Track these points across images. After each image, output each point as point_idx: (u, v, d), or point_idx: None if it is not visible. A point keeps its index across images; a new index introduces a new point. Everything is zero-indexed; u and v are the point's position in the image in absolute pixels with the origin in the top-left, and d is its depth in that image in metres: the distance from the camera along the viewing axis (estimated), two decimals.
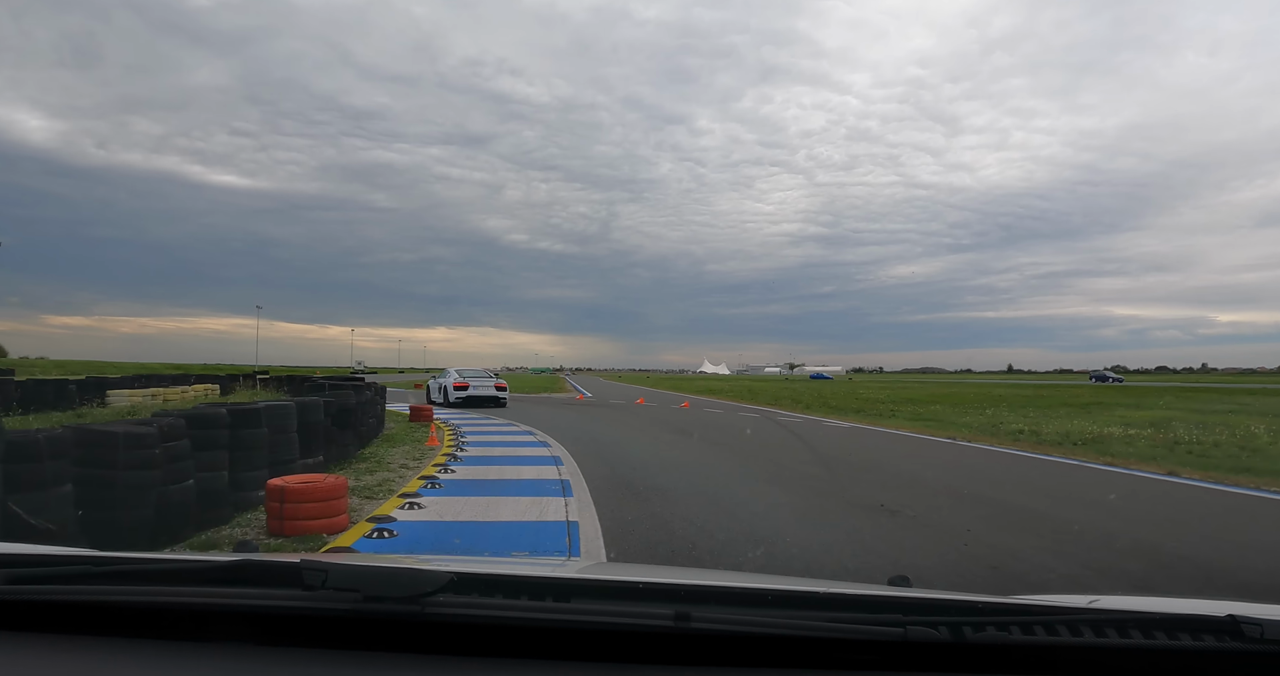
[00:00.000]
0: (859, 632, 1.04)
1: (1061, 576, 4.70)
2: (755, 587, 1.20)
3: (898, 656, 1.05)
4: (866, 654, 1.05)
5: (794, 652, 1.05)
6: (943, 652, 1.05)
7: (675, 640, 1.04)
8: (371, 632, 1.08)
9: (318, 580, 1.04)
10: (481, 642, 1.05)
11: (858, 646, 1.04)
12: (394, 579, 1.05)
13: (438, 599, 1.03)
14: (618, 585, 1.23)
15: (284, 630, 1.09)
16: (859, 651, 1.05)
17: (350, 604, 1.03)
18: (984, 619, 1.07)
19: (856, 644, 1.04)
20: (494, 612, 1.03)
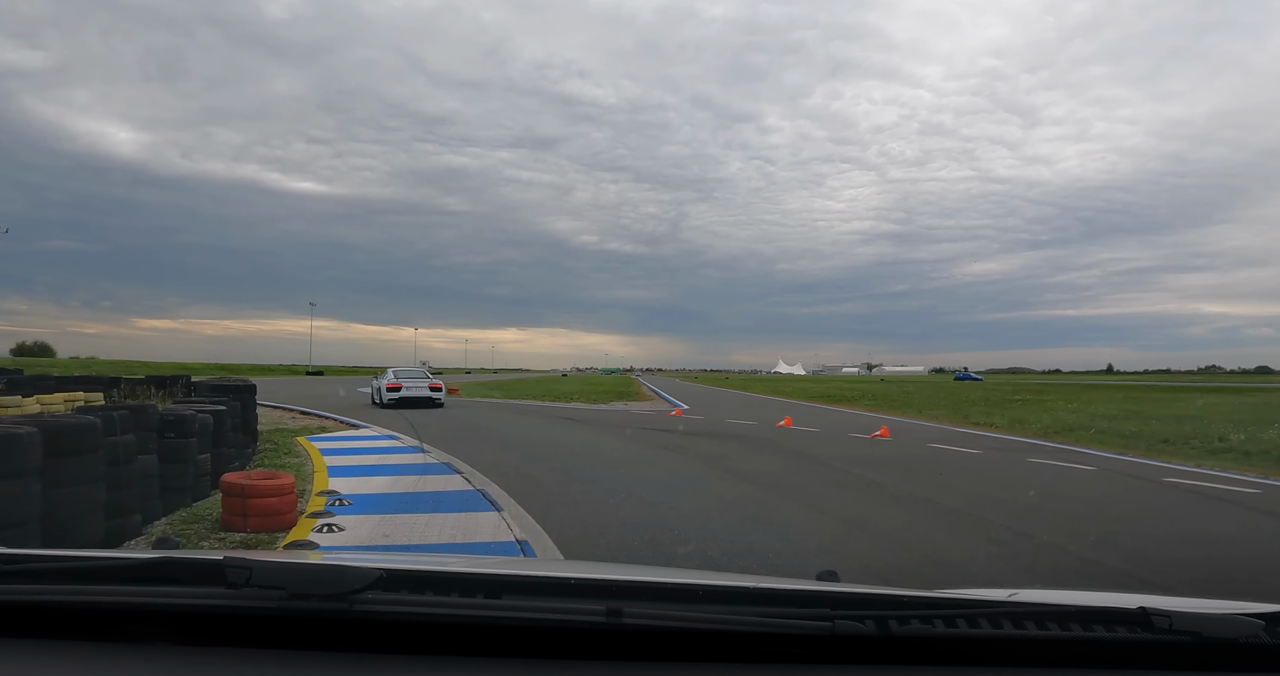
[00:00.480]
0: (787, 627, 1.05)
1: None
2: (686, 583, 1.21)
3: (825, 649, 1.07)
4: (795, 647, 1.07)
5: (724, 647, 1.06)
6: (869, 645, 1.07)
7: (607, 636, 1.04)
8: (297, 631, 1.05)
9: (241, 577, 1.01)
10: (411, 640, 1.04)
11: (786, 640, 1.06)
12: (320, 576, 1.03)
13: (366, 596, 1.01)
14: (550, 581, 1.23)
15: (206, 629, 1.05)
16: (788, 645, 1.07)
17: (275, 602, 1.00)
18: (909, 612, 1.09)
19: (785, 638, 1.05)
20: (424, 609, 1.02)
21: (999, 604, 1.16)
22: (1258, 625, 1.08)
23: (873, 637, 1.06)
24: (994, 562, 5.36)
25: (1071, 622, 1.11)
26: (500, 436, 14.25)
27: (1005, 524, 6.46)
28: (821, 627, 1.04)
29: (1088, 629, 1.11)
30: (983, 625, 1.10)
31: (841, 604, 1.11)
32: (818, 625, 1.04)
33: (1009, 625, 1.10)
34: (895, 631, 1.06)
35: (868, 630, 1.05)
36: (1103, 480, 9.30)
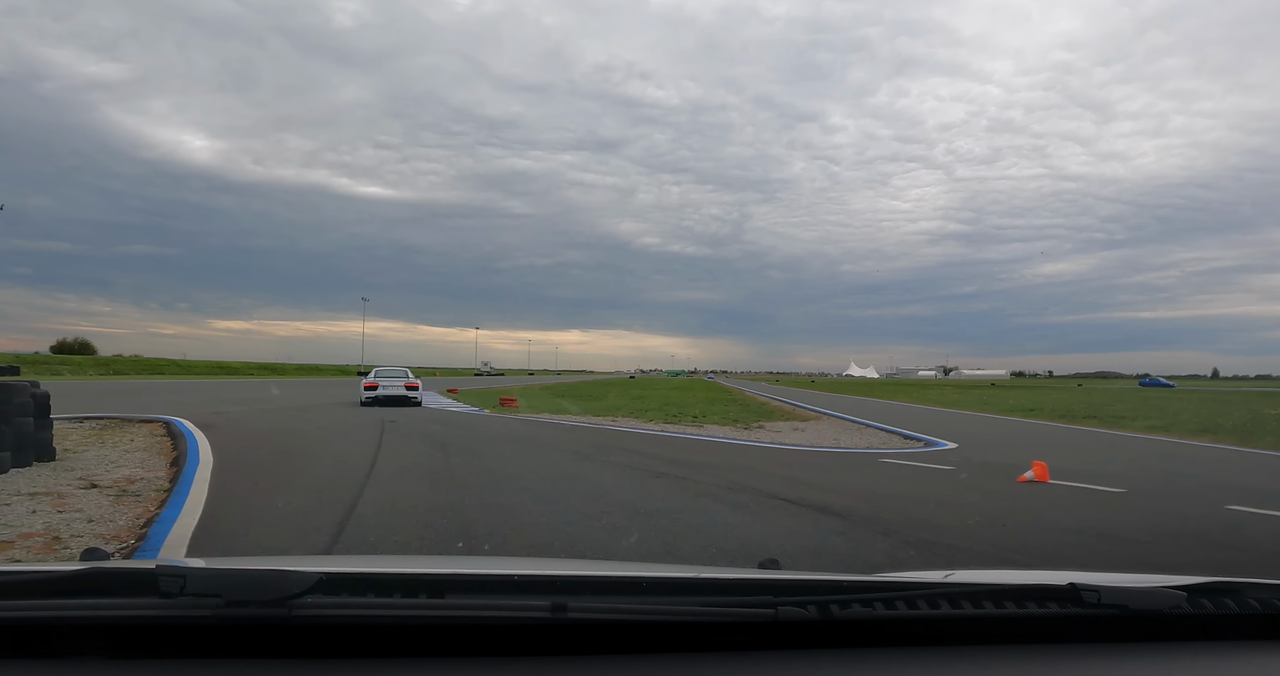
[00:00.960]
0: (732, 615, 1.06)
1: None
2: (630, 576, 1.23)
3: (770, 636, 1.09)
4: (740, 635, 1.09)
5: (670, 637, 1.07)
6: (812, 630, 1.09)
7: (553, 631, 1.03)
8: (236, 639, 1.02)
9: (175, 586, 0.97)
10: (354, 643, 1.02)
11: (731, 628, 1.07)
12: (258, 581, 0.98)
13: (305, 600, 0.98)
14: (493, 578, 1.21)
15: (141, 641, 1.01)
16: (733, 633, 1.08)
17: (211, 610, 0.97)
18: (849, 596, 1.11)
19: (730, 626, 1.07)
20: (365, 612, 1.01)
21: (936, 585, 1.20)
22: (1180, 596, 1.17)
23: (815, 622, 1.08)
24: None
25: (1006, 600, 1.16)
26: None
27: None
28: (765, 614, 1.06)
29: (1021, 606, 1.16)
30: (921, 606, 1.13)
31: (784, 591, 1.14)
32: (761, 612, 1.06)
33: (946, 605, 1.14)
34: (837, 615, 1.08)
35: (810, 615, 1.07)
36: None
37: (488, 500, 6.54)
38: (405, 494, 6.81)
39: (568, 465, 9.26)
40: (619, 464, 9.25)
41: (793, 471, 9.02)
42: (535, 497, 6.71)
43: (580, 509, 6.18)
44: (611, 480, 7.96)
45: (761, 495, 7.03)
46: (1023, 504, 7.03)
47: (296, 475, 8.15)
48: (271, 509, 6.10)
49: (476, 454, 10.16)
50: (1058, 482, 8.07)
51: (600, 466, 9.10)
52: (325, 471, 8.42)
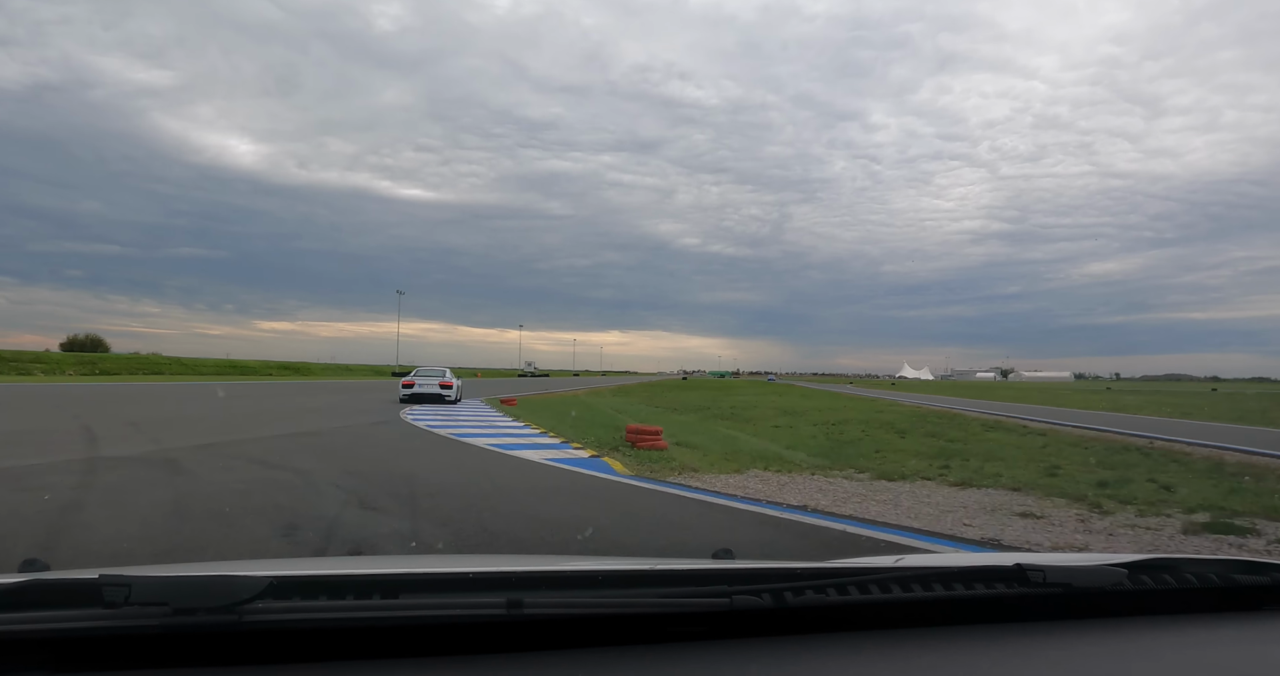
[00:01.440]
0: (688, 605, 1.08)
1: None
2: (585, 570, 1.23)
3: (726, 625, 1.11)
4: (696, 625, 1.10)
5: (628, 630, 1.08)
6: (767, 618, 1.12)
7: (510, 628, 1.04)
8: (186, 648, 1.00)
9: (120, 596, 0.94)
10: (308, 647, 1.01)
11: (688, 618, 1.09)
12: (206, 588, 0.97)
13: (256, 605, 0.96)
14: (447, 577, 1.21)
15: (85, 654, 0.98)
16: (689, 623, 1.10)
17: (159, 619, 0.95)
18: (802, 583, 1.14)
19: (686, 616, 1.09)
20: (318, 615, 1.00)
21: (886, 569, 1.23)
22: (1121, 574, 1.24)
23: (770, 610, 1.10)
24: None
25: (955, 582, 1.20)
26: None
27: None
28: (720, 604, 1.08)
29: (970, 587, 1.20)
30: (873, 591, 1.16)
31: (738, 580, 1.16)
32: (716, 602, 1.08)
33: (897, 589, 1.18)
34: (791, 602, 1.11)
35: (764, 603, 1.09)
36: None
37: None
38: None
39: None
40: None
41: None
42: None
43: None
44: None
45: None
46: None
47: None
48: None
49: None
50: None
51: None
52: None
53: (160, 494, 6.56)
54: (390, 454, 10.26)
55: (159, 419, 15.17)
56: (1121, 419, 21.01)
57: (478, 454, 10.27)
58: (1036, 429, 16.94)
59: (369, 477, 7.83)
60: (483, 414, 18.64)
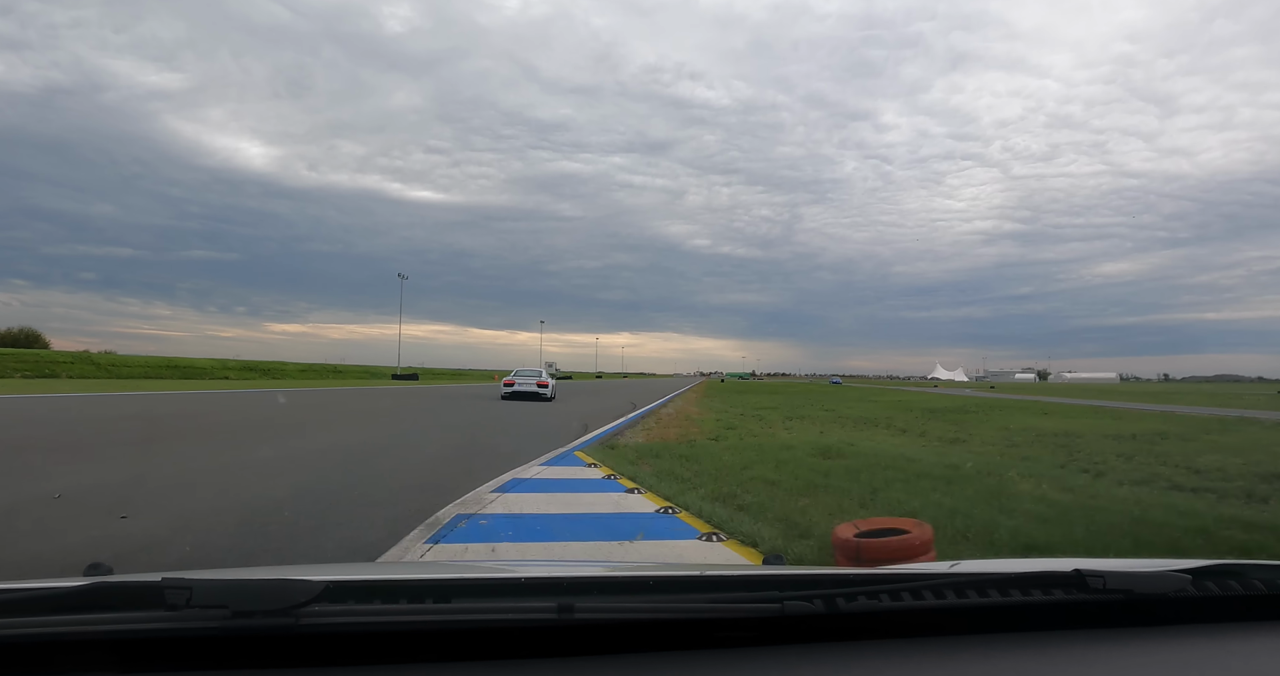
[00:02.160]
0: (738, 610, 1.07)
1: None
2: (636, 576, 1.26)
3: (776, 630, 1.10)
4: (747, 631, 1.10)
5: (678, 635, 1.08)
6: (819, 624, 1.10)
7: (560, 632, 1.05)
8: (244, 650, 1.02)
9: (181, 599, 0.98)
10: (362, 651, 1.04)
11: (738, 624, 1.08)
12: (263, 592, 1.00)
13: (312, 609, 0.99)
14: (499, 582, 1.24)
15: (147, 655, 1.01)
16: (740, 629, 1.09)
17: (218, 621, 0.98)
18: (855, 589, 1.12)
19: (737, 622, 1.08)
20: (372, 619, 1.02)
21: (941, 575, 1.20)
22: (1185, 580, 1.19)
23: (821, 616, 1.08)
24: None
25: (1011, 589, 1.17)
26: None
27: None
28: (771, 609, 1.06)
29: (1026, 594, 1.17)
30: (926, 597, 1.14)
31: (789, 585, 1.14)
32: (767, 607, 1.07)
33: (951, 595, 1.15)
34: (843, 608, 1.09)
35: (816, 609, 1.08)
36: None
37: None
38: None
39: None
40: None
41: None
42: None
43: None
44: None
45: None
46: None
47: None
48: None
49: None
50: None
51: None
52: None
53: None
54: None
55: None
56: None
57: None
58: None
59: None
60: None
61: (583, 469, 8.56)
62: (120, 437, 10.82)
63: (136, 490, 6.47)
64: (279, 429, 13.42)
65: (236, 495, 6.39)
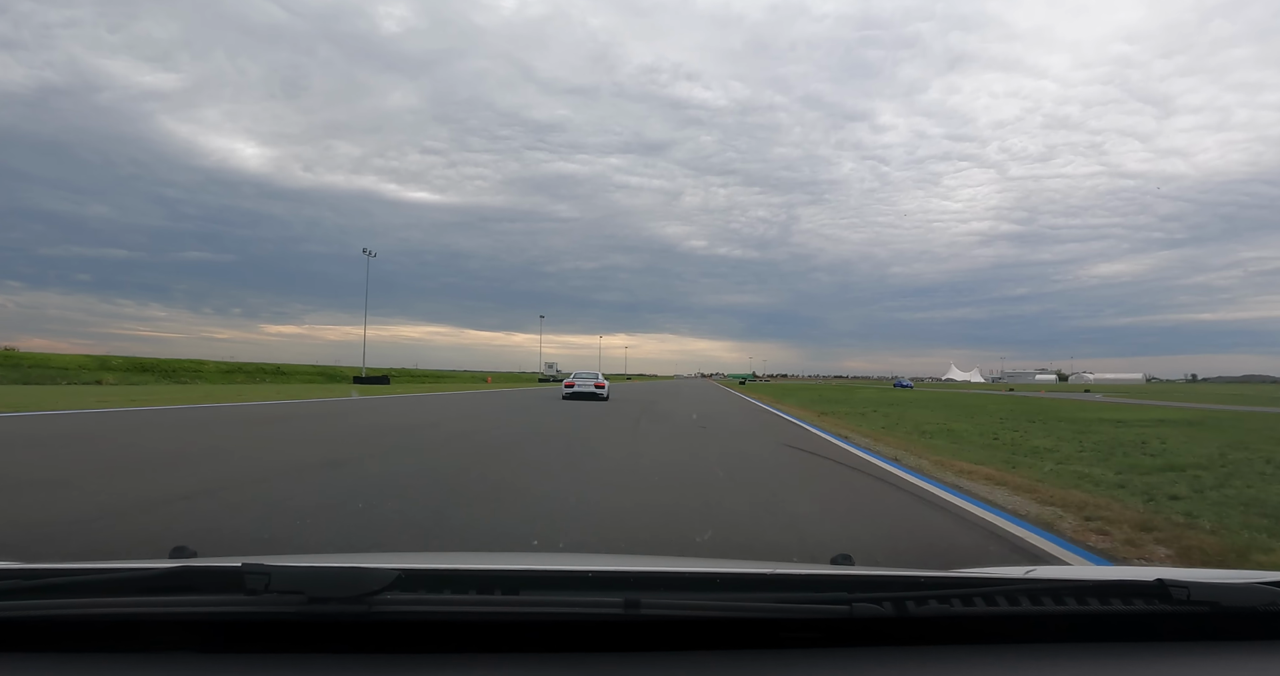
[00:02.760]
0: (806, 611, 1.07)
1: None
2: (703, 572, 1.23)
3: (844, 632, 1.09)
4: (813, 632, 1.09)
5: (743, 633, 1.08)
6: (887, 626, 1.09)
7: (626, 627, 1.06)
8: (318, 634, 1.07)
9: (260, 583, 1.02)
10: (431, 639, 1.07)
11: (805, 624, 1.08)
12: (339, 579, 1.03)
13: (384, 597, 1.02)
14: (566, 575, 1.23)
15: (227, 636, 1.07)
16: (806, 629, 1.09)
17: (295, 606, 1.01)
18: (926, 592, 1.11)
19: (804, 622, 1.07)
20: (442, 608, 1.05)
21: (1015, 581, 1.20)
22: (1275, 593, 1.12)
23: (890, 619, 1.07)
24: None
25: (1089, 597, 1.14)
26: None
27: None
28: (839, 611, 1.05)
29: (1105, 603, 1.13)
30: (1000, 603, 1.11)
31: (858, 586, 1.13)
32: (835, 609, 1.06)
33: (1026, 602, 1.12)
34: (913, 612, 1.07)
35: (885, 611, 1.06)
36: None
37: None
38: None
39: None
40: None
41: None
42: None
43: None
44: None
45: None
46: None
47: None
48: None
49: None
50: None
51: None
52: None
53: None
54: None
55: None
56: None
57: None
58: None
59: None
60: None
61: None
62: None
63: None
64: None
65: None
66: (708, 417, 17.25)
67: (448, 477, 6.64)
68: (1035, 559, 4.02)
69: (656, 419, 16.18)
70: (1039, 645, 1.11)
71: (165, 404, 17.70)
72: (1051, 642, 1.12)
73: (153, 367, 49.51)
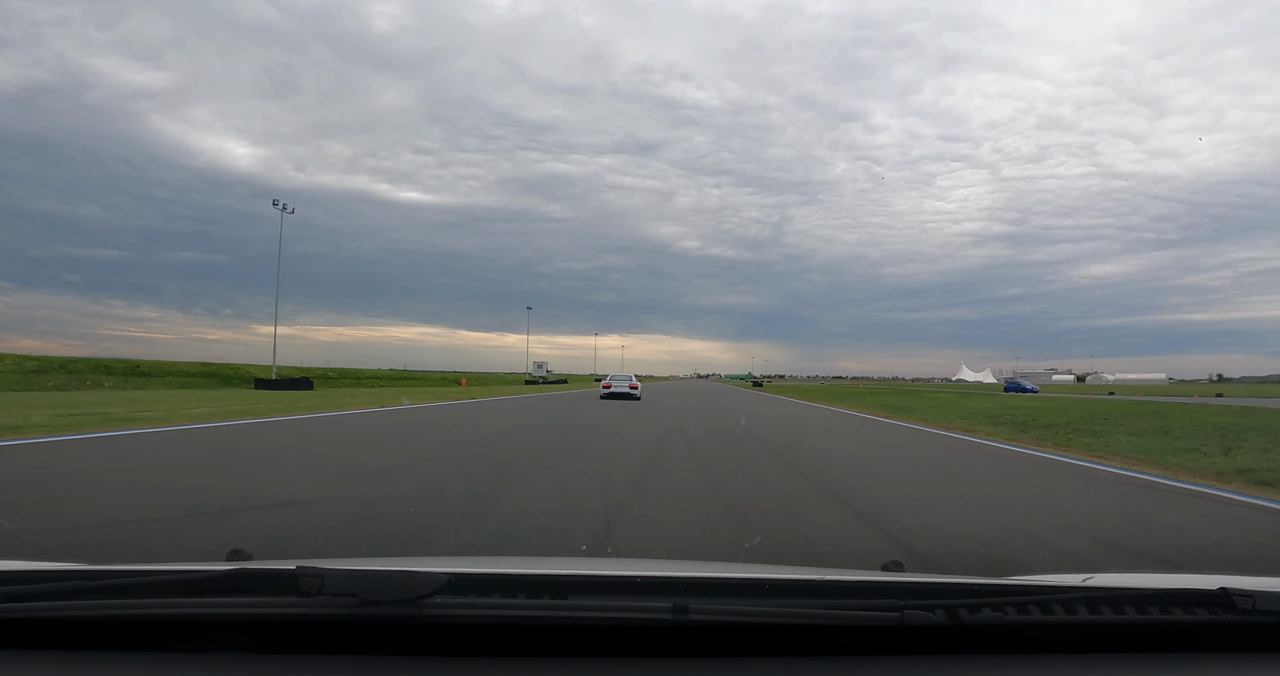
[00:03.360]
0: (856, 618, 1.05)
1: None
2: (752, 578, 1.22)
3: (895, 640, 1.07)
4: (864, 639, 1.07)
5: (793, 640, 1.07)
6: (940, 635, 1.07)
7: (674, 633, 1.05)
8: (369, 637, 1.09)
9: (314, 586, 1.04)
10: (480, 642, 1.07)
11: (855, 632, 1.06)
12: (390, 582, 1.04)
13: (435, 600, 1.03)
14: (615, 580, 1.22)
15: (281, 637, 1.09)
16: (857, 637, 1.07)
17: (347, 609, 1.03)
18: (979, 600, 1.08)
19: (854, 629, 1.05)
20: (491, 612, 1.06)
21: (1073, 589, 1.15)
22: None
23: (943, 627, 1.05)
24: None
25: (1149, 606, 1.10)
26: None
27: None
28: (891, 618, 1.03)
29: (1166, 612, 1.10)
30: (1056, 611, 1.08)
31: (910, 594, 1.12)
32: (887, 616, 1.03)
33: (1084, 610, 1.09)
34: (966, 620, 1.05)
35: (938, 619, 1.04)
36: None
37: None
38: None
39: None
40: None
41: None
42: None
43: None
44: None
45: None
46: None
47: None
48: None
49: None
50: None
51: None
52: None
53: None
54: None
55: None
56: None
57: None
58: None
59: None
60: None
61: None
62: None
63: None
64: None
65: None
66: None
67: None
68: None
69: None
70: (1096, 656, 1.09)
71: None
72: (1109, 653, 1.09)
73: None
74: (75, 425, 11.02)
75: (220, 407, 16.94)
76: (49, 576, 1.25)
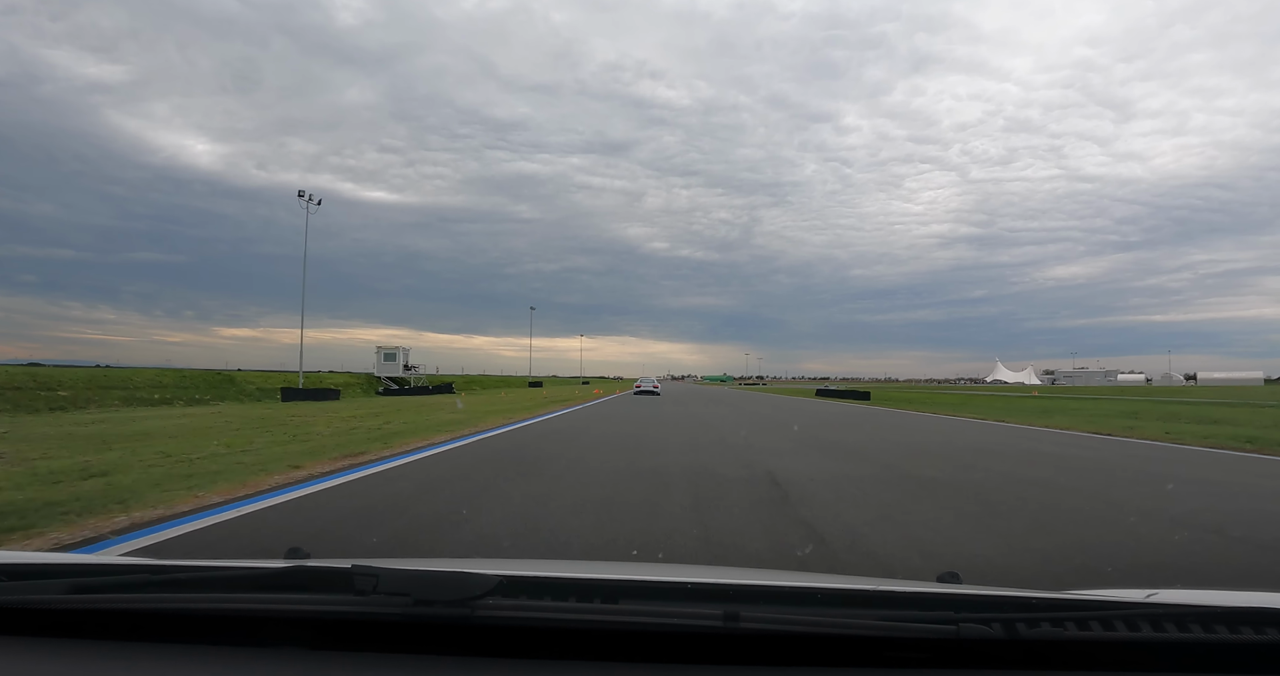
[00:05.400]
0: (910, 630, 1.03)
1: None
2: (804, 586, 1.21)
3: (950, 654, 1.05)
4: (918, 652, 1.05)
5: (845, 651, 1.06)
6: (996, 649, 1.05)
7: (725, 640, 1.06)
8: (422, 636, 1.11)
9: (369, 585, 1.07)
10: (530, 644, 1.09)
11: (909, 644, 1.04)
12: (443, 582, 1.07)
13: (486, 602, 1.05)
14: (666, 585, 1.23)
15: (336, 634, 1.12)
16: (911, 649, 1.05)
17: (401, 608, 1.06)
18: (1038, 615, 1.06)
19: (908, 642, 1.03)
20: (542, 614, 1.07)
21: (1136, 605, 1.10)
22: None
23: (1000, 641, 1.02)
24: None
25: (1216, 624, 1.05)
26: None
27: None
28: (946, 631, 1.01)
29: (1234, 631, 1.04)
30: (1118, 627, 1.05)
31: (966, 606, 1.09)
32: (942, 628, 1.01)
33: (1147, 627, 1.05)
34: (1023, 634, 1.02)
35: (994, 633, 1.01)
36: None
37: None
38: None
39: None
40: None
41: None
42: None
43: None
44: None
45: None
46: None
47: None
48: None
49: None
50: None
51: None
52: None
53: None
54: None
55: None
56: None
57: None
58: None
59: None
60: None
61: None
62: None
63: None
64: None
65: None
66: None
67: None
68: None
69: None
70: (1159, 675, 1.05)
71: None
72: (1173, 672, 1.06)
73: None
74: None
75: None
76: (113, 569, 1.32)
